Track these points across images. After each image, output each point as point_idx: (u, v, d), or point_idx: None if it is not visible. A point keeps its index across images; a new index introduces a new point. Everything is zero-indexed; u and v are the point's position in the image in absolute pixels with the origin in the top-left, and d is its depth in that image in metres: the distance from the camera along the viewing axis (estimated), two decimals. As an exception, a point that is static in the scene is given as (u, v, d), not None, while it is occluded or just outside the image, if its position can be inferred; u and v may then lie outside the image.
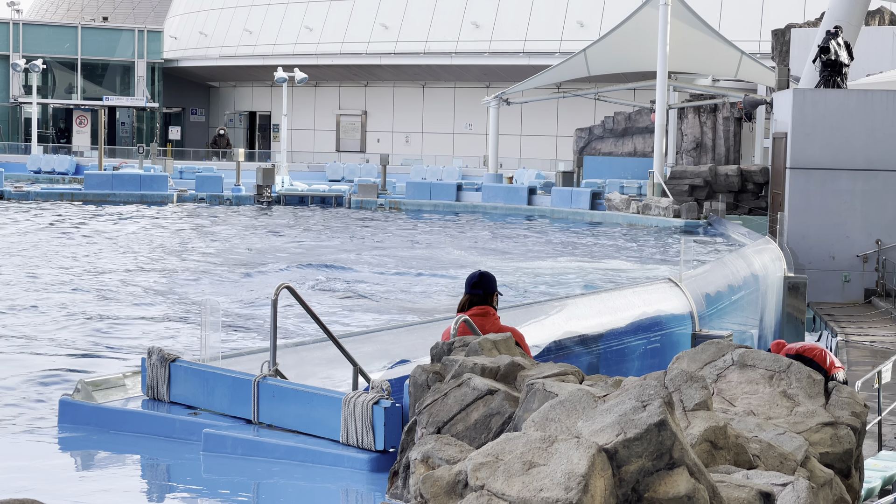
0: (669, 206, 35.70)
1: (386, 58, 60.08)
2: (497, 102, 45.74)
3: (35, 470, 7.24)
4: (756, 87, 43.08)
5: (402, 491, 5.76)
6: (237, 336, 16.26)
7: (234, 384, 7.62)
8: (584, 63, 42.75)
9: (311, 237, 32.68)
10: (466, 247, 30.63)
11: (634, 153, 47.76)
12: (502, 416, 5.75)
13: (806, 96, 24.74)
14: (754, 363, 6.11)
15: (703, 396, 5.28)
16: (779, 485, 4.71)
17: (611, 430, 4.12)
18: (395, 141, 63.18)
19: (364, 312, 19.25)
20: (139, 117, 67.28)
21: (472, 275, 7.95)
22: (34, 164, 51.96)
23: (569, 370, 6.13)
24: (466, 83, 60.83)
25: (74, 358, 14.63)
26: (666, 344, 13.22)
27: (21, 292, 20.24)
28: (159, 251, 27.60)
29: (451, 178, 48.52)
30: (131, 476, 7.33)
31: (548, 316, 11.81)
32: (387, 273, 24.64)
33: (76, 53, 66.00)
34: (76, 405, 7.87)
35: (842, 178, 24.21)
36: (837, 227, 24.21)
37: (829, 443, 5.70)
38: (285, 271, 24.23)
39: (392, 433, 6.80)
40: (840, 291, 24.08)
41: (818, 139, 24.28)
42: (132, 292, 20.67)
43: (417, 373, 6.44)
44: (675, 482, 4.07)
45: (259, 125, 68.72)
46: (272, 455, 7.04)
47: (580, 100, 51.53)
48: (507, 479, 3.97)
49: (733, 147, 45.32)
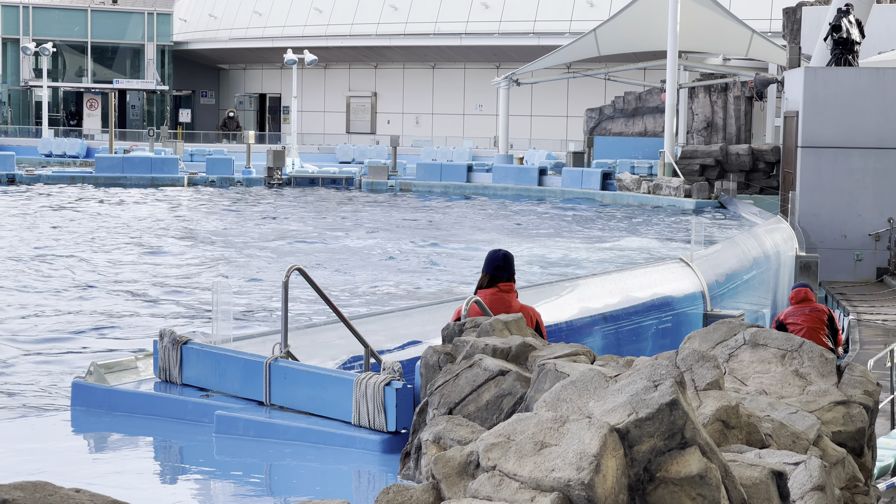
0: (680, 185, 35.62)
1: (395, 39, 59.96)
2: (507, 83, 45.64)
3: (48, 452, 7.26)
4: (767, 65, 42.92)
5: (414, 472, 5.77)
6: (249, 318, 16.28)
7: (245, 366, 7.63)
8: (595, 43, 42.61)
9: (322, 219, 32.68)
10: (477, 227, 30.61)
11: (645, 133, 47.64)
12: (514, 396, 5.74)
13: (817, 75, 24.63)
14: (766, 342, 6.09)
15: (715, 376, 5.27)
16: (791, 464, 4.70)
17: (622, 410, 4.11)
18: (406, 122, 63.10)
19: (375, 294, 19.26)
20: (149, 100, 67.28)
21: (495, 256, 7.84)
22: (45, 147, 52.01)
23: (580, 350, 6.13)
24: (476, 64, 60.70)
25: (87, 340, 14.66)
26: (677, 324, 13.21)
27: (34, 274, 20.28)
28: (170, 233, 27.63)
29: (462, 159, 48.46)
30: (144, 458, 7.35)
31: (559, 296, 11.80)
32: (398, 255, 24.64)
33: (86, 36, 65.98)
34: (89, 387, 7.89)
35: (853, 157, 24.12)
36: (849, 206, 24.13)
37: (841, 421, 5.69)
38: (296, 253, 24.25)
39: (404, 414, 6.80)
40: (852, 270, 24.02)
41: (830, 118, 24.19)
42: (144, 275, 20.70)
43: (429, 354, 6.44)
44: (686, 462, 4.06)
45: (269, 107, 68.66)
46: (284, 437, 7.05)
47: (590, 80, 51.39)
48: (518, 460, 3.96)
49: (744, 126, 45.18)
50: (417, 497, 4.14)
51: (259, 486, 6.76)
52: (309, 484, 6.61)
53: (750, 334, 6.15)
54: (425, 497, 4.16)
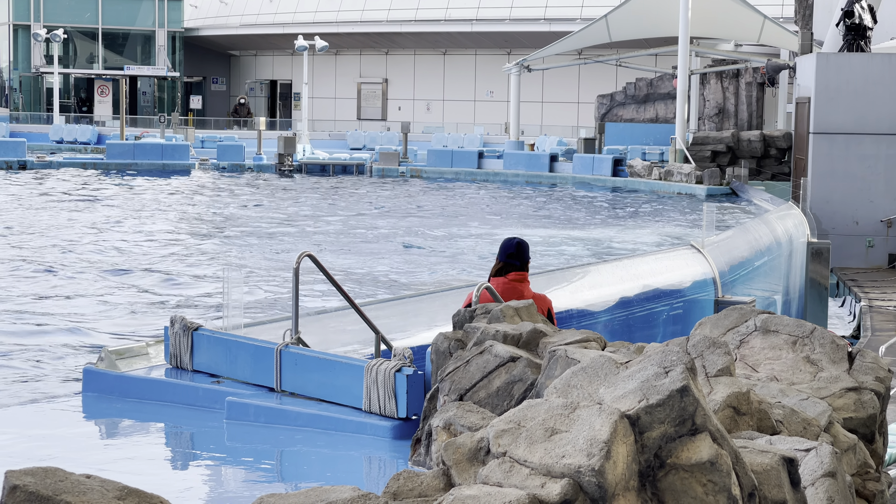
0: (692, 172, 35.56)
1: (406, 25, 59.89)
2: (518, 69, 45.57)
3: (59, 438, 7.27)
4: (779, 51, 42.78)
5: (425, 458, 5.77)
6: (259, 304, 16.30)
7: (256, 352, 7.63)
8: (606, 29, 42.52)
9: (332, 205, 32.69)
10: (487, 214, 30.61)
11: (656, 119, 47.55)
12: (524, 383, 5.74)
13: (829, 60, 24.55)
14: (777, 329, 6.08)
15: (726, 362, 5.26)
16: (802, 450, 4.69)
17: (633, 396, 4.11)
18: (416, 109, 63.06)
19: (386, 280, 19.27)
20: (160, 87, 67.32)
21: (509, 244, 7.81)
22: (56, 134, 52.09)
23: (591, 337, 6.12)
24: (487, 50, 60.61)
25: (98, 326, 14.70)
26: (688, 310, 13.19)
27: (45, 260, 20.33)
28: (181, 220, 27.66)
29: (473, 145, 48.42)
30: (155, 444, 7.36)
31: (570, 282, 11.80)
32: (408, 241, 24.65)
33: (97, 23, 66.02)
34: (100, 374, 7.90)
35: (865, 143, 24.05)
36: (861, 192, 24.07)
37: (852, 408, 5.68)
38: (307, 239, 24.27)
39: (414, 400, 6.80)
40: (864, 256, 23.97)
41: (842, 104, 24.12)
42: (155, 261, 20.73)
43: (439, 340, 6.44)
44: (697, 448, 4.06)
45: (280, 94, 68.66)
46: (295, 423, 7.06)
47: (602, 66, 51.29)
48: (529, 446, 3.96)
49: (756, 112, 45.07)
50: (428, 483, 4.14)
51: (270, 472, 6.77)
52: (320, 470, 6.62)
53: (761, 321, 6.14)
54: (436, 483, 4.16)
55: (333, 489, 3.98)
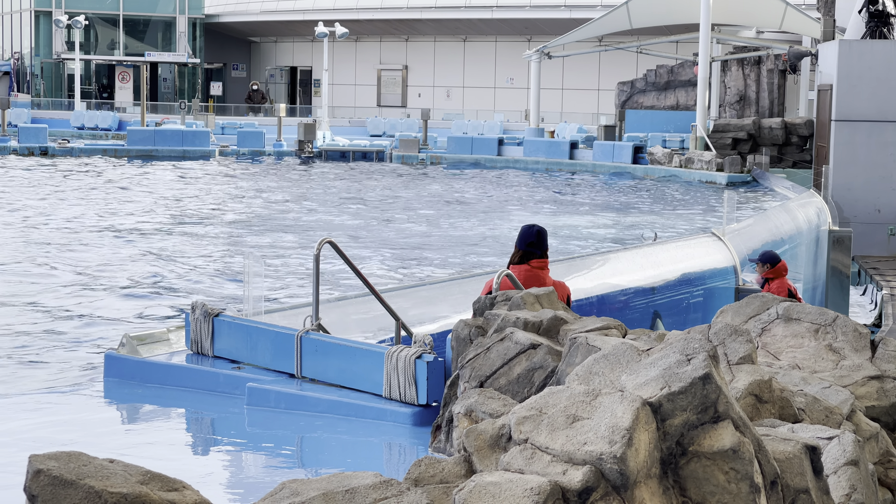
0: (712, 159, 35.44)
1: (426, 12, 59.80)
2: (538, 56, 45.47)
3: (81, 423, 7.31)
4: (801, 38, 42.58)
5: (446, 444, 5.77)
6: (280, 291, 16.33)
7: (277, 339, 7.65)
8: (627, 15, 42.39)
9: (351, 193, 32.70)
10: (508, 201, 30.59)
11: (677, 107, 47.39)
12: (545, 370, 5.74)
13: (852, 47, 24.42)
14: (799, 317, 6.06)
15: (748, 350, 5.25)
16: (824, 438, 4.68)
17: (655, 383, 4.10)
18: (436, 96, 62.99)
19: (406, 268, 19.28)
20: (181, 73, 67.41)
21: (529, 232, 7.78)
22: (77, 120, 52.22)
23: (611, 324, 6.11)
24: (507, 37, 60.49)
25: (119, 312, 14.74)
26: (709, 298, 13.16)
27: (67, 246, 20.39)
28: (203, 206, 27.72)
29: (493, 132, 48.35)
30: (176, 429, 7.39)
31: (590, 270, 11.78)
32: (429, 228, 24.66)
33: (118, 9, 66.11)
34: (121, 359, 7.93)
35: (888, 131, 23.92)
36: (883, 180, 23.95)
37: (875, 396, 5.66)
38: (328, 225, 24.29)
39: (435, 387, 6.81)
40: (886, 245, 23.85)
41: (864, 91, 23.98)
42: (175, 247, 20.78)
43: (460, 327, 6.44)
44: (719, 436, 4.05)
45: (300, 80, 68.68)
46: (315, 409, 7.08)
47: (622, 53, 51.13)
48: (550, 433, 3.96)
49: (777, 100, 44.89)
50: (449, 469, 4.14)
51: (290, 457, 6.79)
52: (340, 456, 6.63)
53: (783, 308, 6.12)
54: (457, 469, 4.16)
55: (355, 475, 3.98)
